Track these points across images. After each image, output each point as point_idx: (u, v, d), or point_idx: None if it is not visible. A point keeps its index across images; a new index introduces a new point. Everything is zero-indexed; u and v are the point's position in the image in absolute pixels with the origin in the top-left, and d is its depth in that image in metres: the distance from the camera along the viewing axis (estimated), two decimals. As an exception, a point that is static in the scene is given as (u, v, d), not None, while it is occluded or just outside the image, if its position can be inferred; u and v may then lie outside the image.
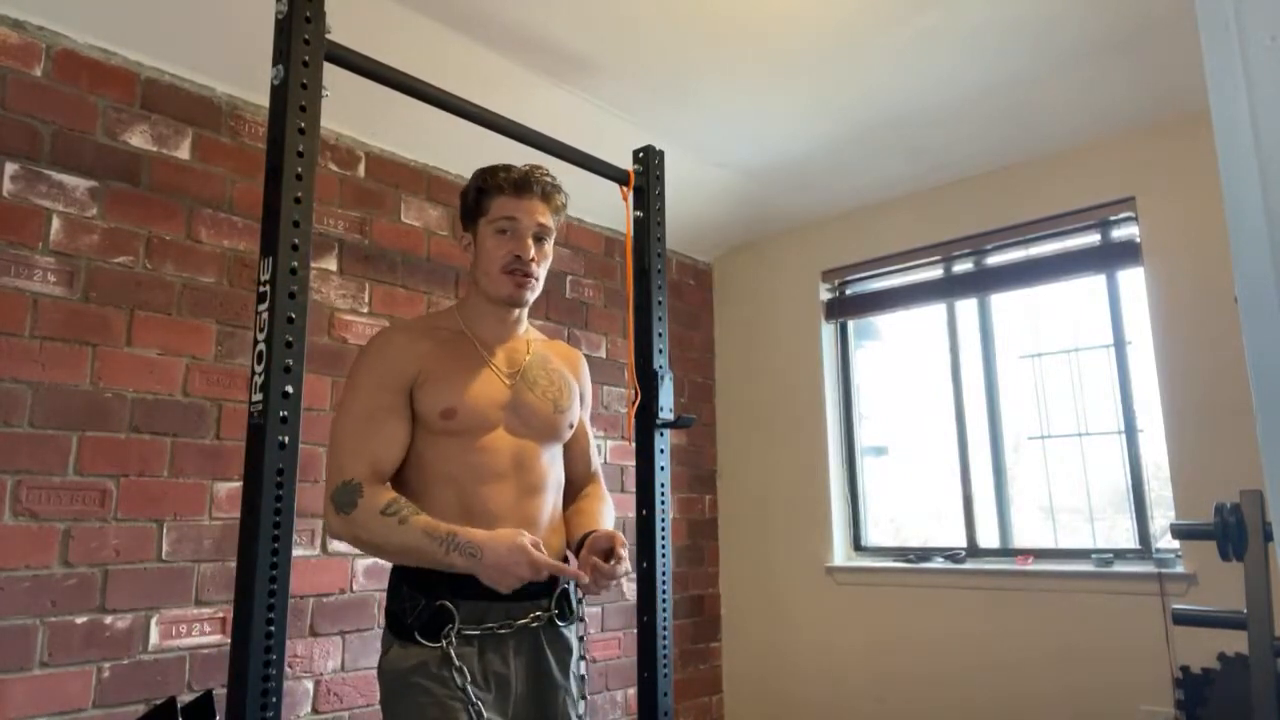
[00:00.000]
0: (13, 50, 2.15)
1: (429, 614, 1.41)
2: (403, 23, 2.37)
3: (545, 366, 1.62)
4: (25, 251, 2.11)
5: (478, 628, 1.43)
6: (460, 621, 1.41)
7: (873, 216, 3.76)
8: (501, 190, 1.55)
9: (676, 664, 3.68)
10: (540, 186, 1.56)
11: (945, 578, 3.34)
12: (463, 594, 1.42)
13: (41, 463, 2.08)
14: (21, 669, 1.99)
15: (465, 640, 1.42)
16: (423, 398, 1.48)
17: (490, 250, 1.55)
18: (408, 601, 1.44)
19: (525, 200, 1.54)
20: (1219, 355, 2.77)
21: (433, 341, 1.54)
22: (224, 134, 2.53)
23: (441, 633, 1.40)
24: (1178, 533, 2.10)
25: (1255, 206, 0.70)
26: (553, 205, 1.59)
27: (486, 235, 1.56)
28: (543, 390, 1.58)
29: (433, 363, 1.50)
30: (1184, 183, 2.93)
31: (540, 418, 1.56)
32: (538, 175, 1.57)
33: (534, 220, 1.55)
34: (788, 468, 3.87)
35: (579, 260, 3.59)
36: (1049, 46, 2.57)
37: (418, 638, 1.40)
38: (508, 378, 1.56)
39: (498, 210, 1.54)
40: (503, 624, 1.45)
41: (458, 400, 1.48)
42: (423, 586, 1.44)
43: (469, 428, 1.48)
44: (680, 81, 2.77)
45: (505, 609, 1.45)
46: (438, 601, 1.41)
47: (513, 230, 1.54)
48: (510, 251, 1.53)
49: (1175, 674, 2.74)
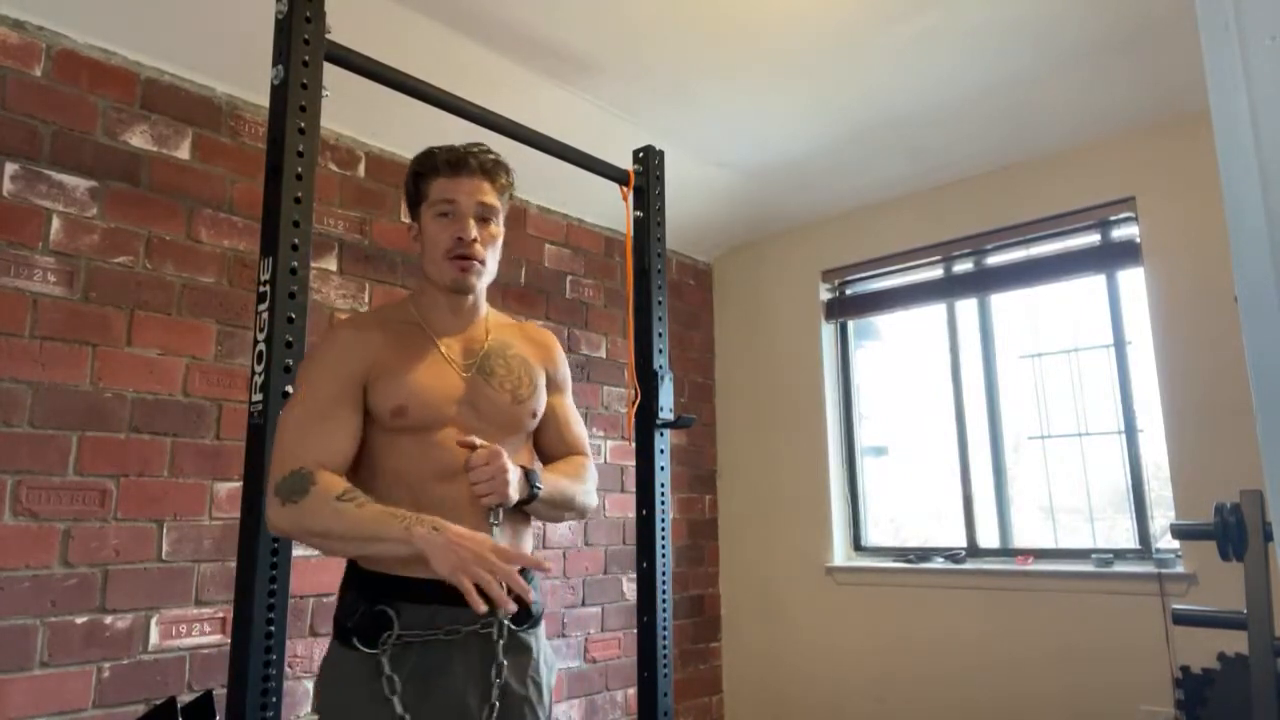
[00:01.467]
0: (13, 50, 2.15)
1: (368, 618, 1.33)
2: (403, 23, 2.37)
3: (504, 354, 1.52)
4: (25, 251, 2.11)
5: (422, 633, 1.34)
6: (403, 627, 1.33)
7: (873, 216, 3.76)
8: (438, 171, 1.46)
9: (676, 664, 3.68)
10: (479, 163, 1.47)
11: (945, 578, 3.33)
12: (408, 597, 1.34)
13: (41, 463, 2.08)
14: (21, 669, 1.99)
15: (408, 647, 1.33)
16: (375, 394, 1.40)
17: (433, 236, 1.46)
18: (348, 606, 1.37)
19: (464, 179, 1.45)
20: (1219, 355, 2.77)
21: (384, 334, 1.46)
22: (224, 134, 2.53)
23: (380, 639, 1.32)
24: (1178, 533, 2.10)
25: (1255, 206, 0.70)
26: (496, 183, 1.49)
27: (429, 221, 1.47)
28: (500, 381, 1.49)
29: (385, 356, 1.42)
30: (1184, 183, 2.93)
31: (498, 410, 1.47)
32: (475, 152, 1.48)
33: (474, 200, 1.45)
34: (788, 468, 3.87)
35: (579, 260, 3.59)
36: (1049, 46, 2.57)
37: (355, 643, 1.32)
38: (464, 369, 1.47)
39: (436, 193, 1.46)
40: (450, 629, 1.35)
41: (408, 396, 1.40)
42: (366, 589, 1.36)
43: (421, 424, 1.40)
44: (680, 81, 2.77)
45: (454, 614, 1.34)
46: (378, 606, 1.33)
47: (453, 212, 1.45)
48: (452, 235, 1.44)
49: (1175, 674, 2.74)
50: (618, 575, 3.49)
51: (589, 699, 3.31)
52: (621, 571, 3.50)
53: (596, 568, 3.42)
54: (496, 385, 1.48)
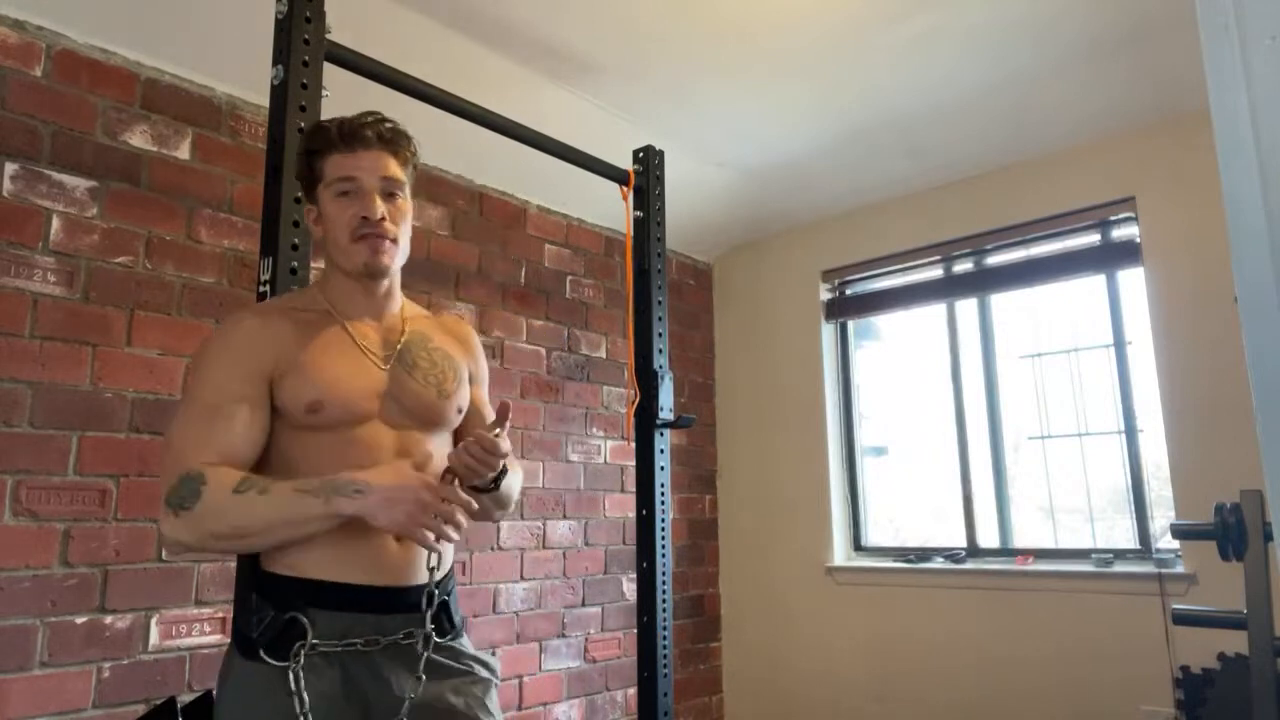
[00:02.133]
0: (13, 50, 2.15)
1: (278, 627, 1.20)
2: (403, 23, 2.37)
3: (425, 346, 1.41)
4: (25, 251, 2.11)
5: (339, 643, 1.22)
6: (317, 636, 1.20)
7: (873, 216, 3.76)
8: (333, 147, 1.32)
9: (676, 664, 3.68)
10: (377, 134, 1.33)
11: (945, 578, 3.34)
12: (321, 604, 1.22)
13: (41, 463, 2.08)
14: (21, 669, 1.99)
15: (324, 658, 1.21)
16: (284, 390, 1.27)
17: (334, 217, 1.32)
18: (255, 613, 1.23)
19: (362, 154, 1.32)
20: (1219, 355, 2.77)
21: (292, 325, 1.32)
22: (224, 134, 2.53)
23: (291, 650, 1.19)
24: (1178, 533, 2.10)
25: (1255, 206, 0.70)
26: (399, 155, 1.35)
27: (328, 202, 1.33)
28: (424, 373, 1.38)
29: (293, 349, 1.29)
30: (1184, 183, 2.93)
31: (423, 404, 1.36)
32: (372, 122, 1.34)
33: (376, 175, 1.32)
34: (788, 468, 3.87)
35: (579, 260, 3.59)
36: (1049, 46, 2.57)
37: (262, 655, 1.19)
38: (383, 361, 1.35)
39: (333, 171, 1.32)
40: (369, 640, 1.24)
41: (325, 390, 1.27)
42: (273, 594, 1.23)
43: (340, 420, 1.28)
44: (680, 81, 2.77)
45: (375, 622, 1.25)
46: (289, 613, 1.20)
47: (354, 190, 1.31)
48: (355, 214, 1.31)
49: (1175, 674, 2.74)
50: (618, 575, 3.50)
51: (589, 699, 3.32)
52: (621, 571, 3.50)
53: (596, 568, 3.42)
54: (420, 378, 1.37)
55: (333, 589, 1.23)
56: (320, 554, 1.23)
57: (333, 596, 1.23)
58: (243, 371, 1.26)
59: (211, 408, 1.24)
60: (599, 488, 3.49)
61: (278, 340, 1.29)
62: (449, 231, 3.09)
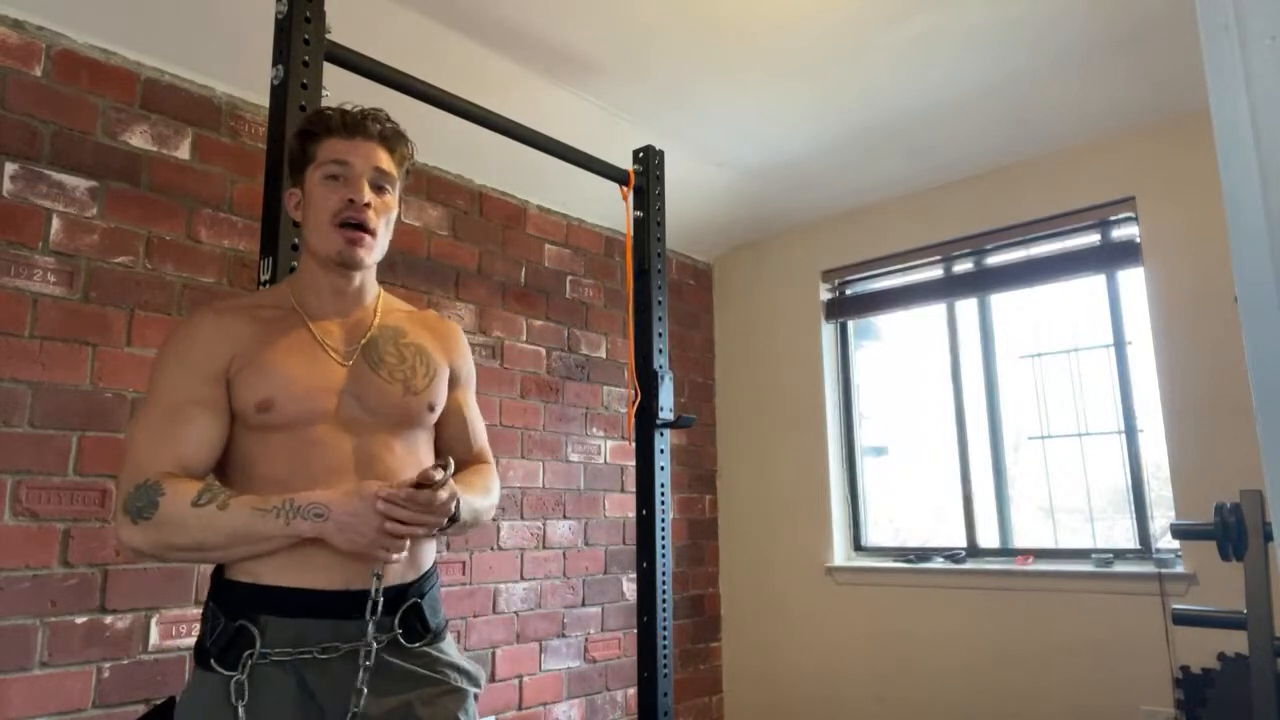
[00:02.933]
0: (13, 50, 2.15)
1: (228, 635, 1.16)
2: (403, 23, 2.37)
3: (396, 342, 1.36)
4: (25, 251, 2.11)
5: (292, 652, 1.17)
6: (269, 644, 1.16)
7: (873, 216, 3.76)
8: (331, 131, 1.30)
9: (676, 664, 3.68)
10: (379, 129, 1.33)
11: (945, 578, 3.34)
12: (274, 609, 1.18)
13: (41, 463, 2.08)
14: (21, 669, 1.99)
15: (278, 667, 1.16)
16: (238, 388, 1.23)
17: (320, 199, 1.29)
18: (209, 622, 1.20)
19: (360, 142, 1.30)
20: (1219, 355, 2.77)
21: (252, 323, 1.29)
22: (224, 134, 2.53)
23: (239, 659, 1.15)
24: (1178, 533, 2.10)
25: (1255, 206, 0.70)
26: (395, 153, 1.34)
27: (315, 184, 1.30)
28: (390, 369, 1.32)
29: (249, 346, 1.25)
30: (1184, 183, 2.93)
31: (387, 403, 1.30)
32: (376, 116, 1.34)
33: (370, 164, 1.30)
34: (788, 468, 3.87)
35: (579, 260, 3.59)
36: (1049, 46, 2.57)
37: (213, 664, 1.16)
38: (344, 357, 1.31)
39: (326, 153, 1.30)
40: (325, 646, 1.18)
41: (275, 387, 1.23)
42: (227, 601, 1.20)
43: (293, 420, 1.23)
44: (680, 81, 2.77)
45: (332, 628, 1.19)
46: (238, 621, 1.17)
47: (345, 175, 1.29)
48: (342, 198, 1.28)
49: (1175, 674, 2.74)
50: (618, 575, 3.50)
51: (589, 699, 3.32)
52: (621, 571, 3.50)
53: (596, 568, 3.42)
54: (385, 375, 1.32)
55: (287, 594, 1.19)
56: (279, 558, 1.19)
57: (287, 602, 1.18)
58: (200, 373, 1.23)
59: (169, 410, 1.21)
60: (599, 488, 3.49)
61: (234, 339, 1.26)
62: (449, 231, 3.09)
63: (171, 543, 1.14)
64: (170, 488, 1.15)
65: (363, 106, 1.35)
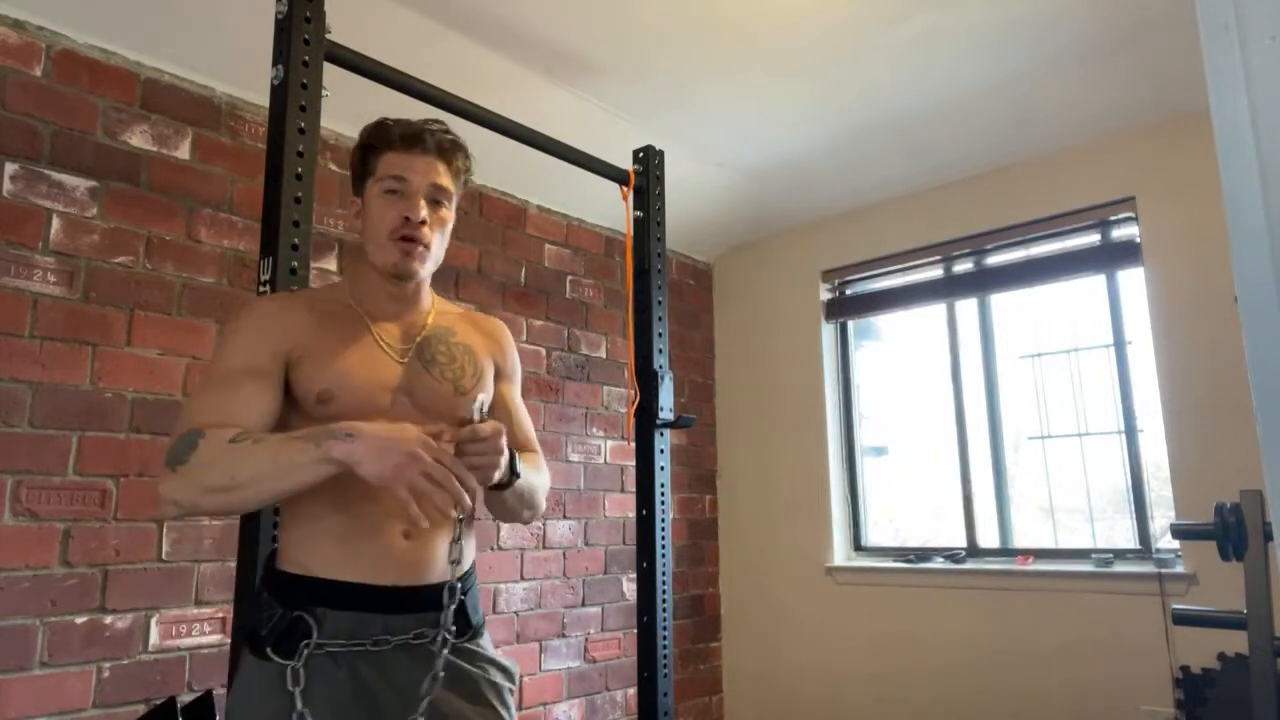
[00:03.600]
0: (13, 50, 2.15)
1: (284, 625, 1.19)
2: (403, 23, 2.37)
3: (446, 341, 1.40)
4: (25, 251, 2.11)
5: (347, 643, 1.20)
6: (326, 636, 1.19)
7: (873, 216, 3.76)
8: (390, 145, 1.34)
9: (676, 664, 3.68)
10: (435, 142, 1.36)
11: (945, 578, 3.34)
12: (330, 603, 1.20)
13: (41, 463, 2.08)
14: (21, 669, 1.99)
15: (332, 658, 1.20)
16: (297, 378, 1.27)
17: (378, 213, 1.34)
18: (265, 610, 1.23)
19: (417, 157, 1.34)
20: (1219, 355, 2.77)
21: (311, 314, 1.32)
22: (224, 134, 2.53)
23: (297, 648, 1.18)
24: (1178, 533, 2.10)
25: (1255, 206, 0.70)
26: (452, 165, 1.38)
27: (374, 197, 1.35)
28: (441, 369, 1.36)
29: (309, 337, 1.29)
30: (1184, 183, 2.93)
31: (438, 400, 1.33)
32: (433, 129, 1.37)
33: (427, 180, 1.34)
34: (788, 468, 3.87)
35: (579, 260, 3.59)
36: (1048, 46, 2.57)
37: (269, 653, 1.18)
38: (399, 355, 1.34)
39: (385, 168, 1.34)
40: (378, 640, 1.22)
41: (336, 381, 1.26)
42: (283, 592, 1.23)
43: (350, 412, 1.24)
44: (680, 82, 2.77)
45: (384, 622, 1.22)
46: (295, 612, 1.20)
47: (403, 190, 1.33)
48: (399, 214, 1.32)
49: (1175, 674, 2.74)
50: (618, 575, 3.50)
51: (589, 699, 3.32)
52: (621, 571, 3.50)
53: (596, 568, 3.42)
54: (437, 374, 1.35)
55: (341, 588, 1.21)
56: (329, 553, 1.22)
57: (341, 596, 1.21)
58: (255, 348, 1.26)
59: (221, 380, 1.24)
60: (599, 488, 3.49)
61: (295, 325, 1.30)
62: (449, 231, 3.08)
63: (205, 483, 1.13)
64: (210, 433, 1.16)
65: (424, 119, 1.38)
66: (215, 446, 1.14)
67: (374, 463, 1.10)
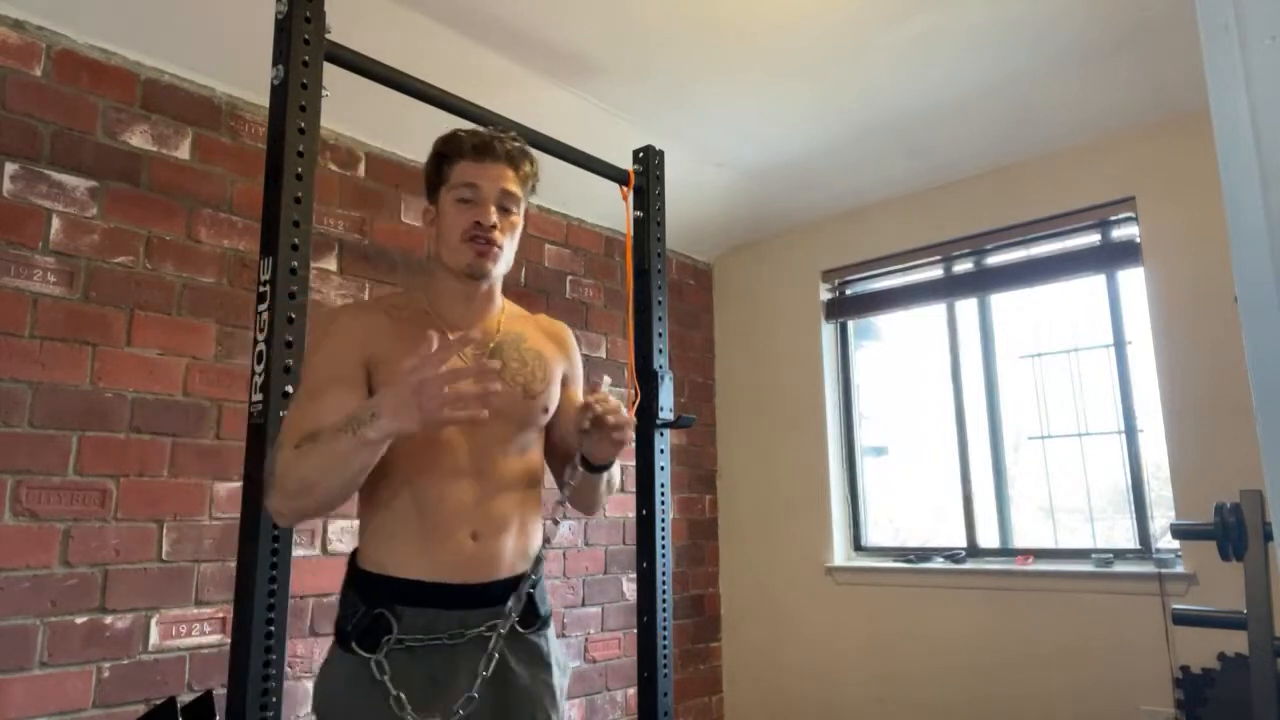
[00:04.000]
0: (13, 50, 2.15)
1: (367, 622, 1.29)
2: (403, 23, 2.37)
3: (518, 347, 1.48)
4: (25, 251, 2.11)
5: (424, 638, 1.30)
6: (403, 631, 1.29)
7: (873, 216, 3.76)
8: (462, 155, 1.42)
9: (676, 664, 3.68)
10: (505, 150, 1.44)
11: (945, 578, 3.33)
12: (408, 600, 1.30)
13: (41, 463, 2.08)
14: (21, 669, 1.99)
15: (408, 652, 1.29)
16: (377, 382, 1.35)
17: (451, 219, 1.42)
18: (349, 608, 1.33)
19: (488, 165, 1.42)
20: (1219, 355, 2.77)
21: (390, 320, 1.40)
22: (224, 134, 2.53)
23: (379, 643, 1.28)
24: (1178, 533, 2.10)
25: (1255, 206, 0.70)
26: (520, 172, 1.46)
27: (448, 204, 1.43)
28: (512, 373, 1.43)
29: (388, 343, 1.36)
30: (1184, 183, 2.93)
31: (509, 404, 1.40)
32: (502, 138, 1.45)
33: (497, 186, 1.42)
34: (788, 468, 3.87)
35: (579, 260, 3.59)
36: (1049, 46, 2.57)
37: (353, 647, 1.29)
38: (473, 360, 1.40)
39: (458, 176, 1.42)
40: (453, 634, 1.31)
41: None
42: (366, 591, 1.33)
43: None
44: (680, 82, 2.77)
45: (459, 618, 1.31)
46: (377, 609, 1.30)
47: (475, 198, 1.41)
48: (470, 219, 1.40)
49: (1175, 674, 2.74)
50: (618, 575, 3.50)
51: (589, 699, 3.32)
52: (621, 571, 3.50)
53: (596, 568, 3.42)
54: (508, 378, 1.42)
55: (417, 587, 1.30)
56: (404, 554, 1.31)
57: (417, 594, 1.30)
58: (339, 356, 1.35)
59: (310, 392, 1.33)
60: (599, 488, 3.48)
61: (375, 332, 1.37)
62: (449, 231, 3.08)
63: (288, 489, 1.23)
64: (287, 444, 1.25)
65: (493, 129, 1.48)
66: (287, 456, 1.24)
67: (404, 419, 1.15)
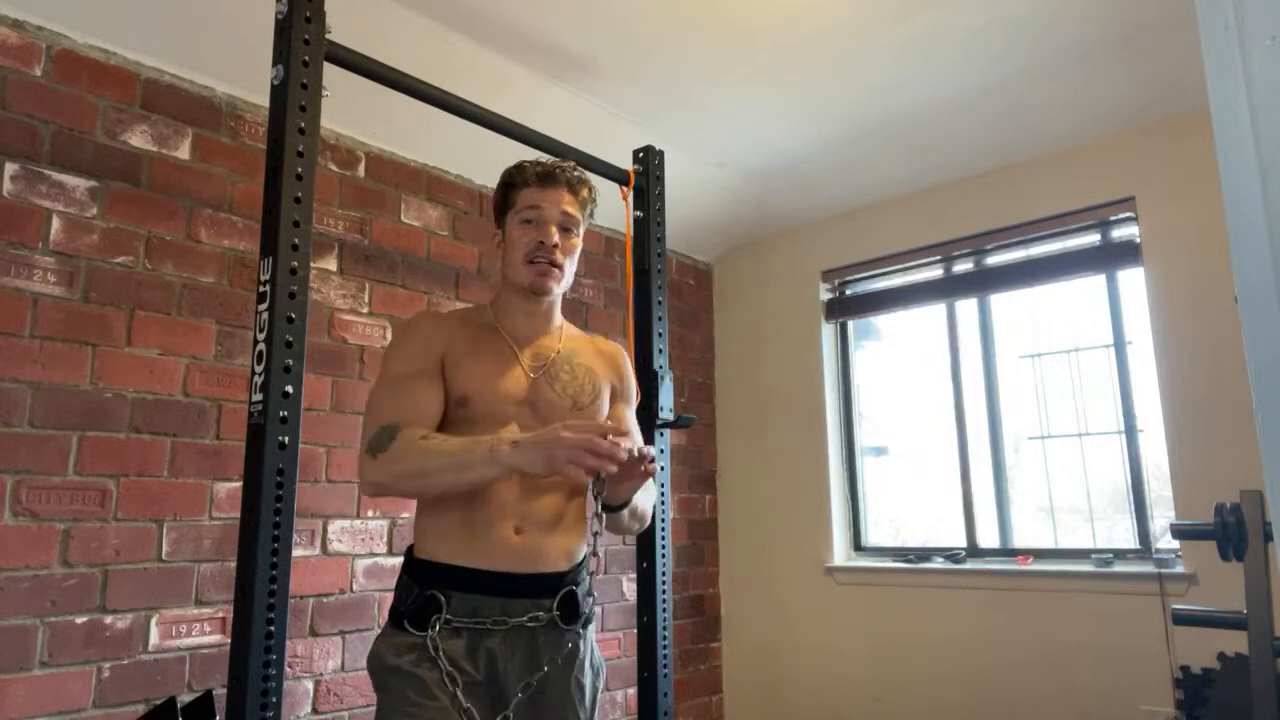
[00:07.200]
0: (13, 50, 2.15)
1: (420, 602, 1.41)
2: (403, 23, 2.37)
3: (571, 362, 1.60)
4: (25, 251, 2.11)
5: (469, 620, 1.40)
6: (450, 613, 1.40)
7: (873, 216, 3.76)
8: (527, 183, 1.57)
9: (676, 664, 3.68)
10: (565, 178, 1.59)
11: (945, 578, 3.34)
12: (458, 585, 1.41)
13: (41, 463, 2.08)
14: (21, 669, 1.99)
15: (454, 632, 1.40)
16: (447, 381, 1.50)
17: (515, 240, 1.57)
18: (404, 589, 1.45)
19: (550, 190, 1.56)
20: (1219, 355, 2.77)
21: (462, 328, 1.56)
22: (224, 134, 2.53)
23: (429, 622, 1.39)
24: (1178, 533, 2.10)
25: (1255, 206, 0.70)
26: (579, 197, 1.60)
27: (513, 227, 1.58)
28: (563, 386, 1.56)
29: (460, 348, 1.52)
30: (1184, 183, 2.93)
31: (556, 414, 1.51)
32: (565, 167, 1.61)
33: (558, 210, 1.56)
34: (788, 468, 3.87)
35: (579, 260, 3.58)
36: (1048, 46, 2.57)
37: (406, 625, 1.41)
38: (531, 371, 1.55)
39: (523, 201, 1.57)
40: (496, 620, 1.41)
41: (474, 388, 1.49)
42: (420, 576, 1.44)
43: (483, 417, 1.48)
44: (680, 82, 2.77)
45: (501, 605, 1.42)
46: (429, 591, 1.41)
47: (537, 219, 1.55)
48: (534, 239, 1.54)
49: (1175, 674, 2.74)
50: (618, 575, 3.49)
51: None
52: (621, 571, 3.50)
53: (596, 568, 3.42)
54: (559, 390, 1.55)
55: (464, 573, 1.41)
56: (454, 544, 1.43)
57: (464, 580, 1.41)
58: (421, 354, 1.50)
59: (395, 382, 1.47)
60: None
61: (449, 336, 1.53)
62: (449, 231, 3.09)
63: (400, 469, 1.37)
64: (406, 428, 1.40)
65: (555, 160, 1.63)
66: (409, 440, 1.37)
67: (535, 462, 1.30)
